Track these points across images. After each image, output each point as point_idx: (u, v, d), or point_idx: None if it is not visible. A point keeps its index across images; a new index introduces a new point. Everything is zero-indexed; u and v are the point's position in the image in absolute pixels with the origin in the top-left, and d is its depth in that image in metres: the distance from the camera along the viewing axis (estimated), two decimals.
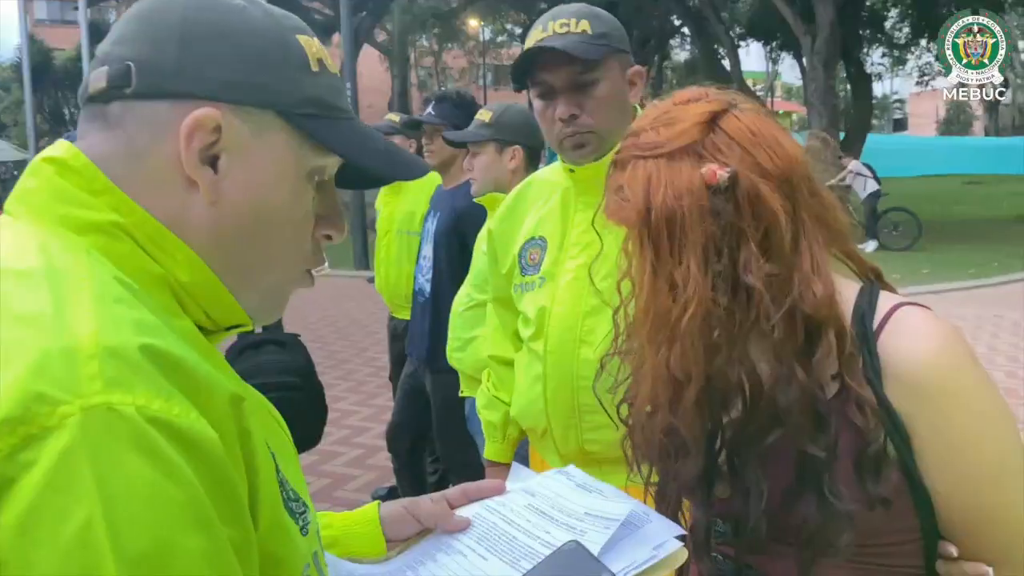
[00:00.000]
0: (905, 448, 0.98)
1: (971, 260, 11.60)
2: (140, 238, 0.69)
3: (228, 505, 0.59)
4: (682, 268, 0.98)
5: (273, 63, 0.72)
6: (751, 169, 0.99)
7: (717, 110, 1.03)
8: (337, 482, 4.49)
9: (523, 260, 1.83)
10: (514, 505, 0.99)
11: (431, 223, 3.33)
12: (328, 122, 0.75)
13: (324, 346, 7.53)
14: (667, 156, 1.01)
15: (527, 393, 1.80)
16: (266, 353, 2.67)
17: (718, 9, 18.56)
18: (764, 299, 0.97)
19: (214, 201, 0.70)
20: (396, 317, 4.11)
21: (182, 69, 0.70)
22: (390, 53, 29.24)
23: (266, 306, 0.79)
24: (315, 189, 0.77)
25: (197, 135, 0.69)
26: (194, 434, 0.57)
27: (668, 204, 0.98)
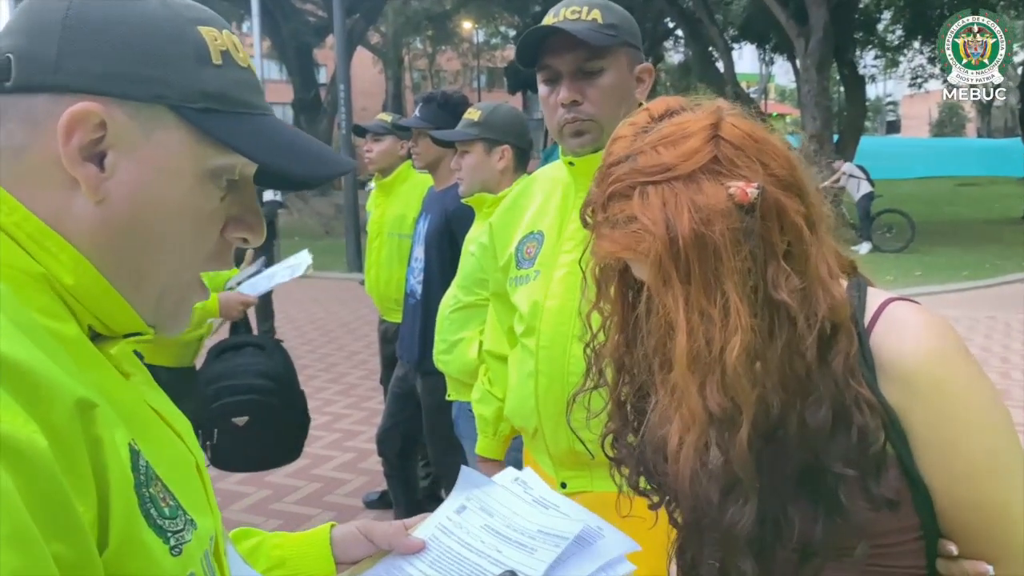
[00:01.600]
0: (902, 445, 0.96)
1: (964, 262, 11.63)
2: (19, 237, 0.66)
3: (56, 519, 0.55)
4: (719, 298, 0.91)
5: (164, 56, 0.68)
6: (766, 179, 0.94)
7: (715, 121, 0.97)
8: (328, 486, 4.46)
9: (519, 254, 1.82)
10: (470, 527, 0.98)
11: (422, 225, 3.31)
12: (229, 117, 0.70)
13: (315, 349, 7.50)
14: (683, 179, 0.93)
15: (518, 390, 1.79)
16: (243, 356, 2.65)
17: (712, 11, 18.58)
18: (799, 317, 0.93)
19: (100, 200, 0.67)
20: (386, 320, 4.08)
21: (62, 61, 0.66)
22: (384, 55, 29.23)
23: (163, 312, 0.74)
24: (225, 188, 0.73)
25: (77, 131, 0.65)
26: (17, 442, 0.53)
27: (697, 230, 0.91)
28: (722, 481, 0.97)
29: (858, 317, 1.00)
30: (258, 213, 0.77)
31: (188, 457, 0.77)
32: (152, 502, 0.65)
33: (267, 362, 2.67)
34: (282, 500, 4.26)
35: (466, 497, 1.03)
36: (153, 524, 0.64)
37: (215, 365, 2.62)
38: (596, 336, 1.14)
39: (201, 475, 0.78)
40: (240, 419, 2.46)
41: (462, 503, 1.02)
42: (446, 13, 28.94)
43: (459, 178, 2.81)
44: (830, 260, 0.99)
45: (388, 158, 3.98)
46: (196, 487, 0.75)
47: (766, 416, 0.95)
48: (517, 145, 2.78)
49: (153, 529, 0.64)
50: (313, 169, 0.76)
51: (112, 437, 0.62)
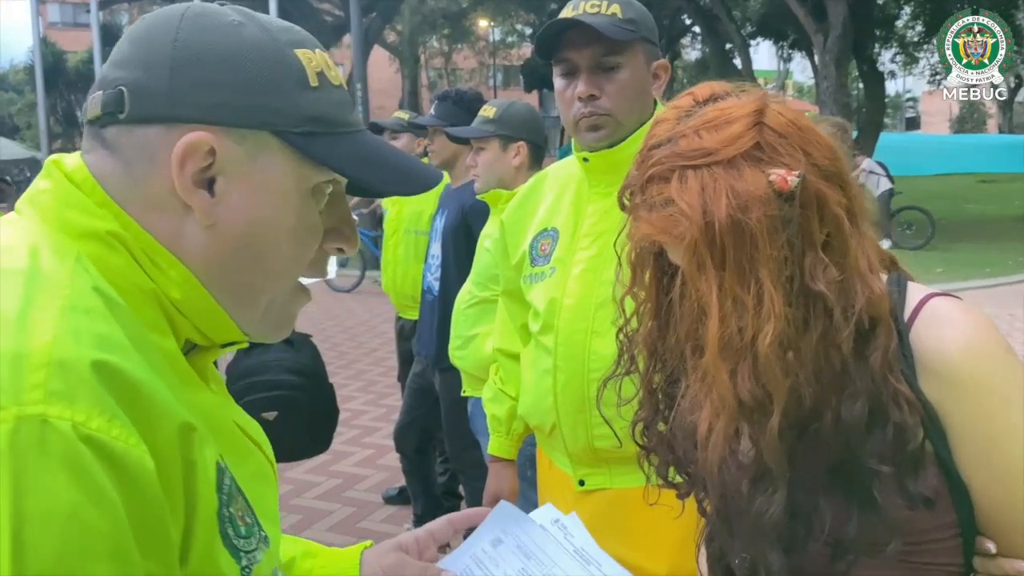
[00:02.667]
0: (941, 443, 0.95)
1: (985, 259, 11.51)
2: (136, 251, 0.69)
3: (153, 538, 0.57)
4: (753, 285, 0.90)
5: (268, 83, 0.71)
6: (808, 168, 0.93)
7: (759, 108, 0.95)
8: (348, 482, 4.48)
9: (534, 251, 1.81)
10: (507, 567, 0.97)
11: (439, 221, 3.32)
12: (328, 139, 0.73)
13: (334, 347, 7.53)
14: (724, 164, 0.92)
15: (535, 388, 1.78)
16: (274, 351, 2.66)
17: (729, 8, 18.49)
18: (836, 309, 0.92)
19: (211, 224, 0.70)
20: (403, 317, 4.10)
21: (174, 93, 0.69)
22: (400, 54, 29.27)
23: (266, 323, 0.77)
24: (324, 203, 0.76)
25: (190, 160, 0.68)
26: (129, 459, 0.56)
27: (734, 216, 0.90)
28: (752, 470, 0.96)
29: (898, 312, 0.99)
30: (352, 224, 0.80)
31: (266, 467, 0.79)
32: (231, 522, 0.67)
33: (296, 357, 2.68)
34: (302, 496, 4.29)
35: (502, 531, 1.01)
36: (229, 544, 0.66)
37: (244, 361, 2.63)
38: (629, 322, 1.13)
39: (275, 483, 0.80)
40: (269, 414, 2.47)
41: (498, 536, 1.00)
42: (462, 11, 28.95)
43: (475, 175, 2.81)
44: (870, 254, 0.98)
45: None
46: (271, 497, 0.77)
47: (798, 407, 0.93)
48: (532, 141, 2.78)
49: (228, 549, 0.66)
50: (404, 186, 0.80)
51: (204, 459, 0.64)
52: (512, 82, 38.38)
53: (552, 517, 1.04)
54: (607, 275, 1.64)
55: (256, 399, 2.56)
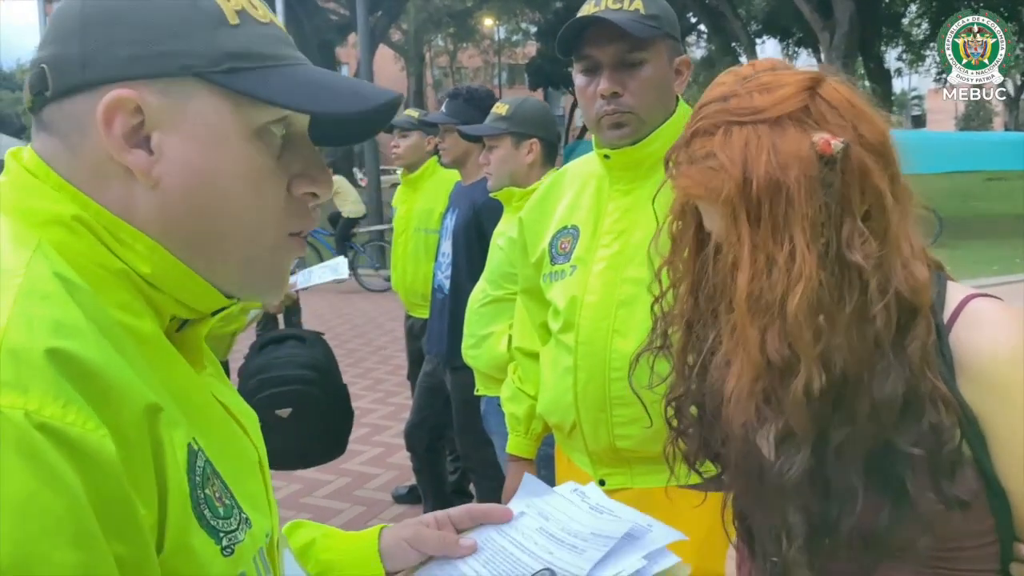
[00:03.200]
0: (980, 447, 0.94)
1: (994, 256, 11.47)
2: (99, 232, 0.67)
3: (118, 519, 0.56)
4: (787, 245, 0.90)
5: (179, 27, 0.68)
6: (855, 140, 0.93)
7: (817, 77, 0.96)
8: (357, 481, 4.48)
9: (553, 249, 1.80)
10: (526, 528, 0.98)
11: (450, 220, 3.31)
12: (257, 73, 0.70)
13: (341, 344, 7.53)
14: (770, 122, 0.92)
15: (555, 387, 1.76)
16: (286, 348, 2.66)
17: (735, 5, 18.46)
18: (872, 280, 0.91)
19: (155, 183, 0.68)
20: (413, 316, 4.09)
21: (87, 57, 0.67)
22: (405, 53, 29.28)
23: (253, 280, 0.74)
24: (280, 146, 0.72)
25: (116, 120, 0.66)
26: (87, 444, 0.55)
27: (772, 175, 0.90)
28: (777, 432, 0.95)
29: (937, 312, 0.97)
30: (321, 166, 0.76)
31: (251, 453, 0.77)
32: (207, 502, 0.66)
33: (309, 352, 2.68)
34: (312, 494, 4.29)
35: (526, 504, 1.03)
36: (206, 525, 0.65)
37: (257, 359, 2.63)
38: (664, 295, 1.13)
39: (263, 471, 0.79)
40: (283, 411, 2.47)
41: (522, 510, 1.02)
42: (467, 10, 28.96)
43: (487, 172, 2.80)
44: (914, 240, 0.96)
45: (415, 153, 3.99)
46: (256, 483, 0.75)
47: (828, 374, 0.92)
48: (545, 139, 2.77)
49: (206, 530, 0.65)
50: (354, 105, 0.73)
51: (172, 440, 0.63)
52: (517, 80, 38.36)
53: (571, 488, 1.06)
54: (629, 273, 1.63)
55: (269, 395, 2.56)
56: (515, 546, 0.95)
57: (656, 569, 0.90)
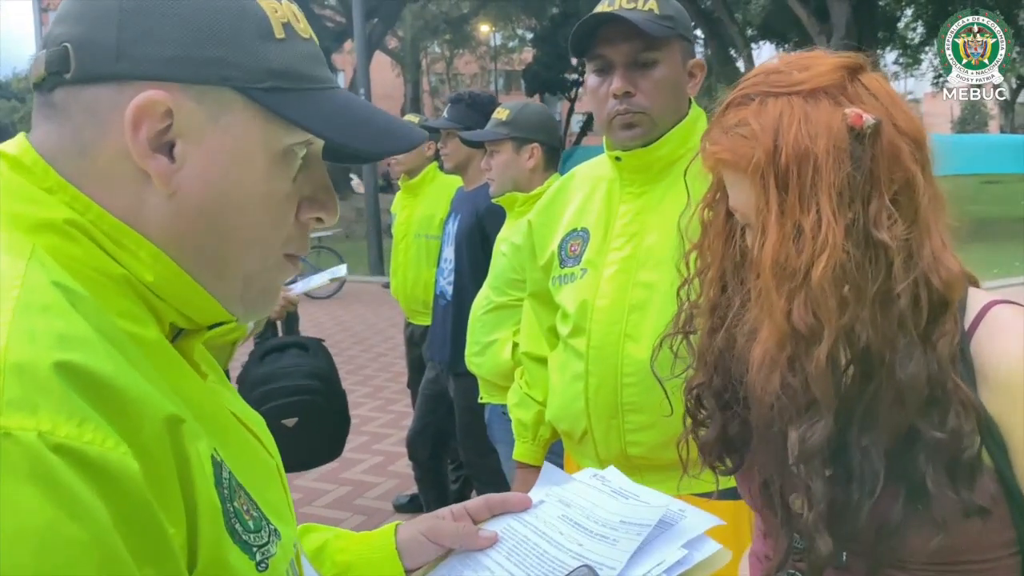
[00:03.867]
0: (1001, 456, 0.92)
1: (993, 260, 11.47)
2: (98, 237, 0.63)
3: (147, 542, 0.52)
4: (813, 213, 0.90)
5: (226, 34, 0.64)
6: (893, 121, 0.93)
7: (857, 63, 0.97)
8: (357, 489, 4.45)
9: (563, 252, 1.77)
10: (547, 517, 0.94)
11: (452, 225, 3.29)
12: (297, 95, 0.67)
13: (341, 352, 7.50)
14: (805, 94, 0.93)
15: (565, 393, 1.73)
16: (289, 357, 2.63)
17: (731, 9, 18.50)
18: (896, 259, 0.90)
19: (172, 192, 0.64)
20: (413, 323, 4.07)
21: (123, 47, 0.62)
22: (402, 60, 29.31)
23: (249, 298, 0.71)
24: (297, 168, 0.69)
25: (145, 122, 0.62)
26: (108, 463, 0.51)
27: (801, 143, 0.91)
28: (799, 400, 0.94)
29: (959, 316, 0.96)
30: (330, 190, 0.73)
31: (268, 460, 0.74)
32: (237, 516, 0.62)
33: (312, 362, 2.65)
34: (312, 504, 4.26)
35: (545, 493, 0.99)
36: (239, 540, 0.62)
37: (260, 367, 2.60)
38: (691, 280, 1.13)
39: (281, 478, 0.75)
40: (290, 421, 2.44)
41: (541, 498, 0.98)
42: (464, 17, 29.01)
43: (489, 178, 2.79)
44: (944, 235, 0.95)
45: (415, 159, 3.97)
46: (277, 491, 0.72)
47: (852, 348, 0.92)
48: (547, 143, 2.75)
49: (239, 545, 0.62)
50: (382, 144, 0.73)
51: (198, 452, 0.59)
52: (514, 87, 38.42)
53: (591, 473, 1.02)
54: (641, 277, 1.61)
55: (276, 406, 2.53)
56: (539, 535, 0.91)
57: (699, 558, 0.85)
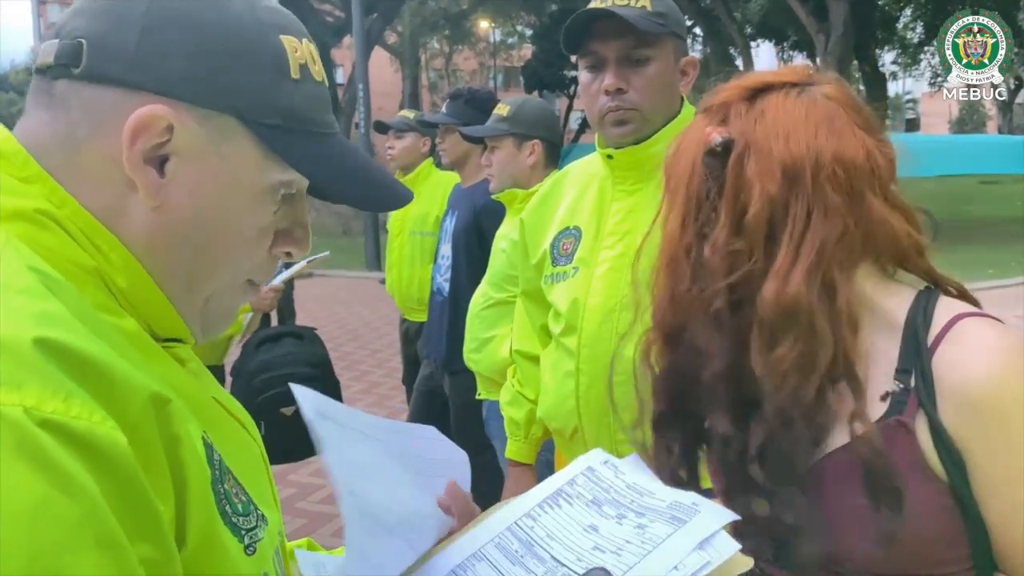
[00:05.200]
0: (958, 474, 0.90)
1: (989, 260, 11.48)
2: (72, 231, 0.62)
3: (139, 518, 0.52)
4: (671, 215, 1.02)
5: (244, 64, 0.65)
6: (754, 145, 0.97)
7: (764, 82, 1.02)
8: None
9: (555, 251, 1.77)
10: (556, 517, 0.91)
11: (449, 222, 3.28)
12: (300, 137, 0.68)
13: (336, 348, 7.49)
14: (704, 109, 1.05)
15: (557, 391, 1.73)
16: (284, 346, 2.63)
17: (730, 8, 18.48)
18: (716, 270, 0.97)
19: (157, 206, 0.64)
20: (408, 319, 4.06)
21: (139, 56, 0.62)
22: (401, 55, 29.26)
23: (208, 318, 0.71)
24: (280, 202, 0.70)
25: (144, 134, 0.62)
26: (96, 439, 0.50)
27: (673, 154, 1.05)
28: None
29: (920, 332, 0.94)
30: (306, 227, 0.74)
31: (253, 446, 0.74)
32: (227, 498, 0.62)
33: (309, 350, 2.65)
34: (306, 499, 4.24)
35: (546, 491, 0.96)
36: (228, 522, 0.61)
37: (257, 356, 2.59)
38: None
39: (266, 466, 0.75)
40: (288, 409, 2.43)
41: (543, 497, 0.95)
42: (463, 12, 28.95)
43: (489, 174, 2.77)
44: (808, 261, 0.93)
45: (410, 155, 3.96)
46: (263, 479, 0.72)
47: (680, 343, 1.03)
48: (547, 139, 2.74)
49: (229, 527, 0.61)
50: (370, 200, 0.76)
51: (188, 432, 0.59)
52: (512, 83, 38.39)
53: (602, 459, 0.99)
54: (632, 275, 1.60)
55: (276, 394, 2.52)
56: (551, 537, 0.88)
57: (717, 561, 0.79)
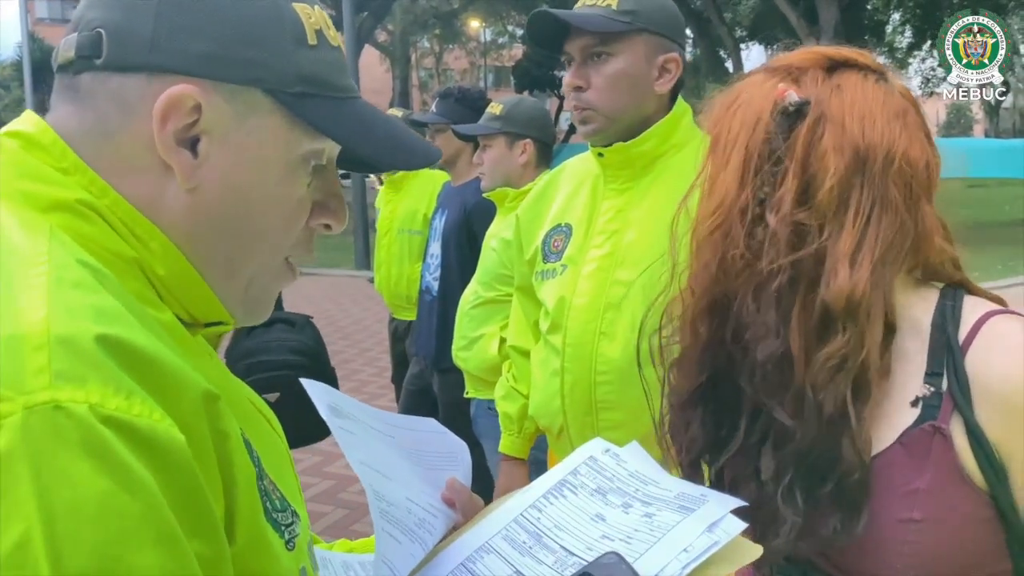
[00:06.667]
0: (998, 481, 0.87)
1: (975, 264, 11.35)
2: (112, 221, 0.63)
3: (196, 516, 0.52)
4: (724, 173, 0.94)
5: (263, 36, 0.65)
6: (829, 116, 0.92)
7: (847, 58, 0.97)
8: (341, 483, 4.43)
9: (546, 247, 1.77)
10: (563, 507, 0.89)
11: (439, 221, 3.27)
12: (324, 102, 0.68)
13: (327, 346, 7.47)
14: (771, 69, 0.98)
15: (544, 389, 1.74)
16: (275, 332, 2.60)
17: (721, 10, 18.54)
18: (781, 242, 0.91)
19: (192, 188, 0.64)
20: (397, 318, 4.05)
21: (158, 39, 0.63)
22: (391, 54, 29.21)
23: (250, 301, 0.71)
24: (312, 174, 0.70)
25: (173, 115, 0.62)
26: (157, 436, 0.51)
27: (726, 110, 0.97)
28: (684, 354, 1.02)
29: (950, 332, 0.91)
30: (341, 198, 0.74)
31: (280, 445, 0.74)
32: (267, 495, 0.63)
33: (299, 337, 2.62)
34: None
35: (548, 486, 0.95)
36: (270, 518, 0.62)
37: (245, 342, 2.56)
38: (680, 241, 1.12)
39: (291, 463, 0.76)
40: (271, 395, 2.42)
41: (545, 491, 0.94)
42: (454, 12, 28.94)
43: (481, 173, 2.77)
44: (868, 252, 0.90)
45: None
46: (290, 474, 0.72)
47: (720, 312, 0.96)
48: (539, 139, 2.74)
49: (271, 524, 0.62)
50: (401, 157, 0.75)
51: (234, 429, 0.59)
52: (503, 83, 38.37)
53: (603, 448, 0.97)
54: (619, 275, 1.60)
55: (257, 379, 2.50)
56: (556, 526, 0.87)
57: (725, 539, 0.79)
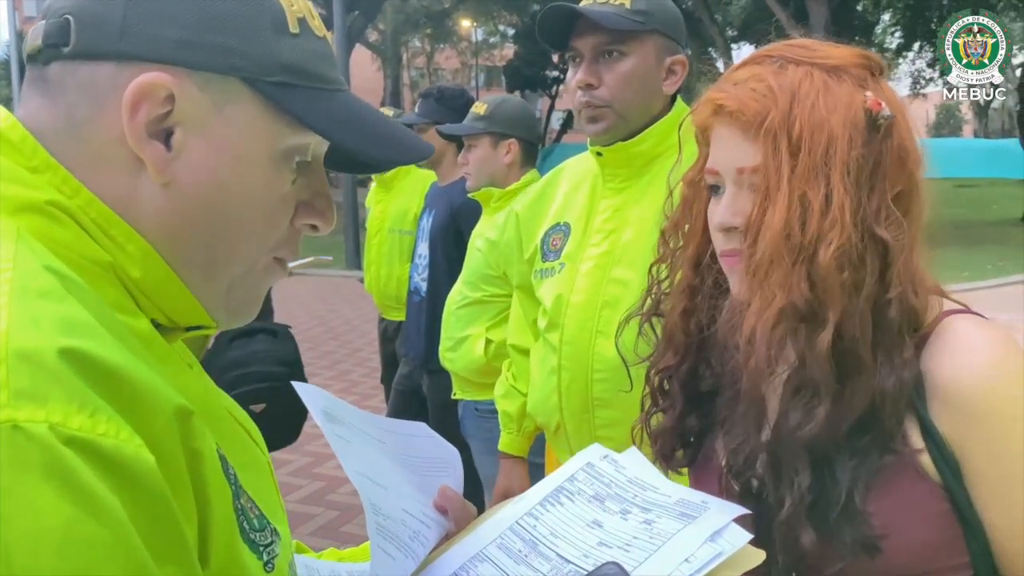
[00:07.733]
0: (953, 477, 0.88)
1: (965, 263, 11.60)
2: (86, 223, 0.59)
3: (166, 541, 0.49)
4: (823, 187, 0.86)
5: (239, 22, 0.62)
6: (900, 131, 0.90)
7: (880, 64, 0.95)
8: (330, 484, 4.42)
9: (545, 246, 1.78)
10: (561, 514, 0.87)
11: (426, 221, 3.27)
12: (307, 93, 0.64)
13: (316, 346, 7.45)
14: (828, 69, 0.90)
15: (542, 387, 1.75)
16: (258, 343, 2.60)
17: (711, 10, 18.58)
18: (896, 261, 0.87)
19: (167, 183, 0.61)
20: (387, 318, 4.04)
21: (128, 25, 0.59)
22: (383, 53, 29.18)
23: (233, 304, 0.68)
24: (296, 171, 0.66)
25: (144, 105, 0.59)
26: (124, 457, 0.47)
27: (819, 111, 0.87)
28: (794, 381, 0.89)
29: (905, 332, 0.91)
30: (328, 197, 0.70)
31: (261, 458, 0.72)
32: (244, 515, 0.60)
33: (283, 348, 2.63)
34: (285, 499, 4.13)
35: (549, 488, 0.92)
36: (247, 539, 0.59)
37: (229, 352, 2.56)
38: (665, 260, 1.09)
39: (272, 476, 0.73)
40: (258, 407, 2.41)
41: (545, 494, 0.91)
42: (445, 11, 28.93)
43: (466, 172, 2.77)
44: (920, 261, 0.92)
45: None
46: (272, 490, 0.69)
47: (841, 340, 0.87)
48: (524, 139, 2.74)
49: (248, 545, 0.59)
50: (392, 153, 0.70)
51: (208, 446, 0.56)
52: (494, 82, 38.35)
53: (601, 454, 0.95)
54: (616, 274, 1.61)
55: (248, 391, 2.50)
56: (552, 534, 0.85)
57: (730, 550, 0.77)
